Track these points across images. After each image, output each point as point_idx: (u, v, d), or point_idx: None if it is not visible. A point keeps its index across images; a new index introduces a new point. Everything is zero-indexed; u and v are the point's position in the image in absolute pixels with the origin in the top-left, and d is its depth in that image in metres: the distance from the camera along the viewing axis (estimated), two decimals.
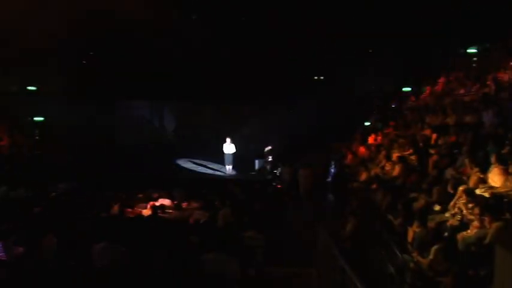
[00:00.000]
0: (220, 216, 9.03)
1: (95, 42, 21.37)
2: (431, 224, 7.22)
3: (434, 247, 6.24)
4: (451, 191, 7.74)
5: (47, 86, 22.59)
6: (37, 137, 20.90)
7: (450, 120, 11.56)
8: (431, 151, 10.45)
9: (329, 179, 15.78)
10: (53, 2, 16.71)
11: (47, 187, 12.01)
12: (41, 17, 16.90)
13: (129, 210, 9.54)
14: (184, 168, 19.21)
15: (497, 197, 6.97)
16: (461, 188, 7.29)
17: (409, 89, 19.09)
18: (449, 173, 8.60)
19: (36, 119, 21.49)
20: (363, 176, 12.19)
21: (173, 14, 18.33)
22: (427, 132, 11.77)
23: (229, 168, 17.35)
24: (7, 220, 7.10)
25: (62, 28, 17.66)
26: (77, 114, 19.61)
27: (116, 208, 9.40)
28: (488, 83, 12.34)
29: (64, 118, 19.99)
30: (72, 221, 7.67)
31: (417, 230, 7.19)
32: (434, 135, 11.18)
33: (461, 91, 13.66)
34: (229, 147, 17.02)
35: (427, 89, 16.60)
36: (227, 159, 17.19)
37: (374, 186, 10.82)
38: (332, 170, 16.61)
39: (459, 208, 7.11)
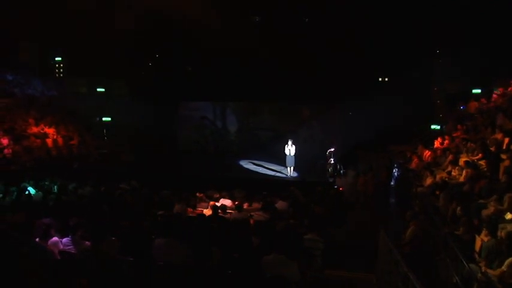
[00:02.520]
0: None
1: (160, 45, 22.13)
2: (501, 234, 6.86)
3: (511, 259, 5.91)
4: None
5: (115, 88, 23.65)
6: (105, 137, 21.81)
7: None
8: (503, 156, 9.93)
9: (392, 183, 15.42)
10: (120, 6, 17.43)
11: (112, 185, 12.48)
12: (109, 19, 17.74)
13: (191, 209, 9.74)
14: (245, 169, 19.37)
15: None
16: None
17: (479, 90, 18.23)
18: None
19: (104, 119, 22.41)
20: (428, 181, 11.78)
21: (236, 17, 18.61)
22: (499, 136, 11.19)
23: (290, 170, 17.29)
24: (75, 216, 7.45)
25: (129, 31, 18.43)
26: (141, 115, 20.26)
27: (178, 207, 9.64)
28: None
29: (129, 118, 20.74)
30: (136, 219, 7.92)
31: (486, 239, 6.85)
32: (506, 140, 10.62)
33: None
34: (290, 149, 16.96)
35: (500, 90, 15.79)
36: (289, 161, 17.11)
37: (439, 191, 10.42)
38: (395, 174, 16.21)
39: None
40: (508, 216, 7.30)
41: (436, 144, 14.87)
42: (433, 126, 18.97)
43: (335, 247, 8.31)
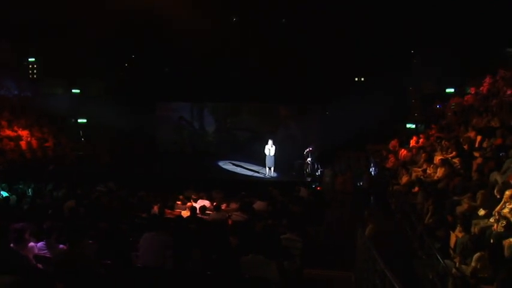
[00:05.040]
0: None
1: (136, 45, 21.93)
2: (474, 230, 7.01)
3: (478, 254, 6.06)
4: (498, 196, 7.47)
5: (91, 89, 23.34)
6: (81, 138, 21.50)
7: (496, 122, 11.20)
8: (476, 154, 10.15)
9: (369, 182, 15.59)
10: (96, 6, 17.23)
11: (88, 187, 12.33)
12: (85, 19, 17.49)
13: (169, 211, 9.68)
14: (224, 169, 19.33)
15: None
16: (508, 193, 7.02)
17: (452, 90, 18.61)
18: (494, 176, 8.32)
19: (79, 120, 22.08)
20: (404, 179, 11.96)
21: (214, 17, 18.57)
22: (472, 134, 11.44)
23: (271, 170, 17.23)
24: (49, 219, 7.34)
25: (106, 31, 18.21)
26: (118, 116, 20.03)
27: (156, 209, 9.58)
28: None
29: (106, 120, 20.48)
30: (113, 221, 7.84)
31: (460, 235, 6.99)
32: (478, 138, 10.85)
33: (508, 92, 13.19)
34: (270, 149, 16.90)
35: (472, 90, 16.13)
36: (268, 161, 17.04)
37: (415, 189, 10.60)
38: (372, 173, 16.42)
39: (505, 214, 6.86)
40: (481, 212, 7.47)
41: (412, 143, 15.11)
42: (408, 125, 19.27)
43: (314, 246, 8.36)
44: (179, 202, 10.84)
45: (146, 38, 20.83)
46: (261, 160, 17.65)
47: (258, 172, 17.97)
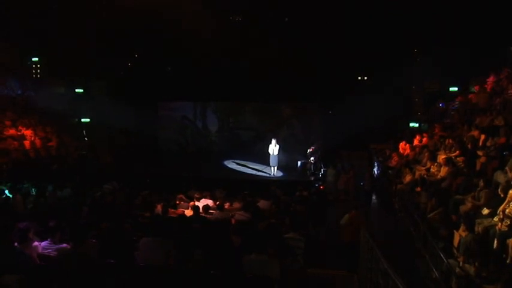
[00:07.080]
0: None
1: (139, 44, 21.94)
2: (478, 229, 6.99)
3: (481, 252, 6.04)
4: (501, 195, 7.44)
5: (94, 88, 23.35)
6: (85, 138, 21.51)
7: (500, 121, 11.16)
8: (479, 153, 10.12)
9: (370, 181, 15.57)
10: (99, 5, 17.24)
11: (92, 187, 12.35)
12: (88, 19, 17.50)
13: (172, 210, 9.68)
14: (227, 168, 19.32)
15: None
16: None
17: (455, 88, 18.54)
18: (498, 175, 8.29)
19: (83, 120, 22.12)
20: (407, 178, 11.94)
21: (216, 16, 18.55)
22: (475, 133, 11.41)
23: (274, 169, 17.20)
24: (54, 218, 7.36)
25: (109, 31, 18.21)
26: (121, 115, 20.02)
27: (159, 208, 9.58)
28: None
29: (109, 119, 20.49)
30: (117, 221, 7.85)
31: (463, 234, 6.97)
32: (482, 136, 10.82)
33: None
34: (274, 149, 16.86)
35: (476, 89, 16.08)
36: (272, 160, 17.00)
37: (418, 188, 10.58)
38: (375, 172, 16.39)
39: (509, 213, 6.83)
40: (485, 211, 7.44)
41: (415, 141, 15.08)
42: (411, 124, 19.23)
43: (317, 246, 8.35)
44: (178, 202, 10.83)
45: (149, 37, 20.83)
46: (264, 159, 17.63)
47: (262, 171, 17.94)
